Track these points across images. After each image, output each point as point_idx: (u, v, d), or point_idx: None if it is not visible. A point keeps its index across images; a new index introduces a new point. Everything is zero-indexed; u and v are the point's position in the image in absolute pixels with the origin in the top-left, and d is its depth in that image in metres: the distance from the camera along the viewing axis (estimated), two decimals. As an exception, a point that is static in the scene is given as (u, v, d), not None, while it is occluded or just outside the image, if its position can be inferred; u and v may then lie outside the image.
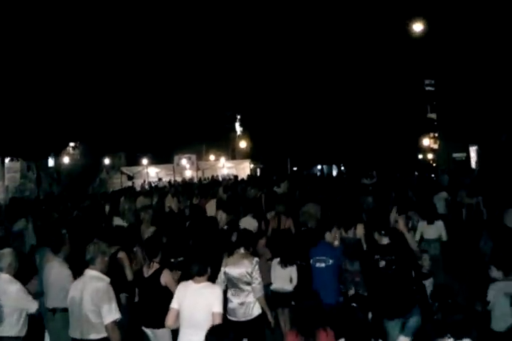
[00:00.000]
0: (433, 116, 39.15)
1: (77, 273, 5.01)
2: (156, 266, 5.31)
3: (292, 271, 6.43)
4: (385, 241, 5.45)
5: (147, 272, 5.32)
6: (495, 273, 5.35)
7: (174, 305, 4.44)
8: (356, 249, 7.55)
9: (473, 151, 28.27)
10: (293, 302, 6.02)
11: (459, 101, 27.81)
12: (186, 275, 4.52)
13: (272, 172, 32.68)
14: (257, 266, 5.25)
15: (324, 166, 48.24)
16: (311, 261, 5.81)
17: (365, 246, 7.67)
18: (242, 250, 5.39)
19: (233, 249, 5.43)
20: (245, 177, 25.37)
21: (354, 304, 4.28)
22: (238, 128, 46.53)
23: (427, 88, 39.35)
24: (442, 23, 26.35)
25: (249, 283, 5.23)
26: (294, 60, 40.46)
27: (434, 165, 36.94)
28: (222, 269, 5.36)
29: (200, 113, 37.20)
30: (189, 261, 4.71)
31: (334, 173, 41.82)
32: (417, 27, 23.74)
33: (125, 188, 21.14)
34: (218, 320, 4.24)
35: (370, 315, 5.36)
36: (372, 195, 13.38)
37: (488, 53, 23.09)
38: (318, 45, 39.95)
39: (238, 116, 46.11)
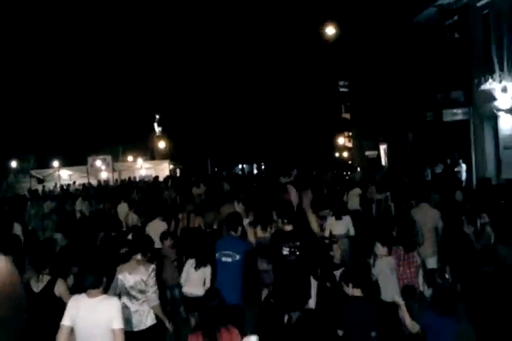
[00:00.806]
0: (347, 116, 40.71)
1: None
2: (46, 277, 4.85)
3: (206, 273, 6.17)
4: (289, 228, 5.52)
5: (37, 286, 4.83)
6: (380, 249, 5.73)
7: (66, 321, 3.96)
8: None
9: (383, 149, 29.79)
10: None
11: (370, 102, 29.19)
12: (79, 288, 4.13)
13: (191, 172, 32.35)
14: (153, 274, 5.00)
15: (245, 165, 48.64)
16: (217, 254, 5.52)
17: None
18: (138, 256, 5.09)
19: (129, 254, 5.15)
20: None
21: (272, 300, 4.23)
22: (157, 128, 45.51)
23: (341, 89, 40.82)
24: (354, 27, 27.50)
25: (143, 291, 4.96)
26: (212, 60, 40.44)
27: (350, 162, 38.46)
28: (117, 276, 5.06)
29: (117, 112, 35.87)
30: (82, 271, 4.34)
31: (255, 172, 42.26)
32: (330, 30, 24.61)
33: (31, 191, 19.86)
34: (120, 337, 3.91)
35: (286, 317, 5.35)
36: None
37: (396, 57, 24.39)
38: (235, 46, 40.25)
39: (157, 116, 45.09)
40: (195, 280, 6.20)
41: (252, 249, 6.02)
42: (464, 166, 18.34)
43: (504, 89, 15.56)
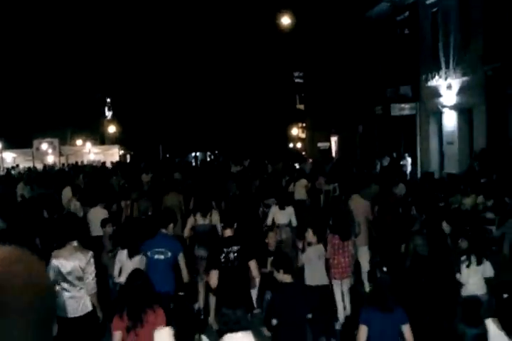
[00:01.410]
0: (302, 107, 40.97)
1: None
2: None
3: (142, 262, 5.99)
4: (228, 233, 5.61)
5: None
6: (310, 236, 6.04)
7: None
8: (211, 235, 7.61)
9: (334, 141, 30.32)
10: None
11: (323, 94, 29.53)
12: None
13: (142, 159, 31.82)
14: (91, 260, 4.98)
15: (198, 153, 48.32)
16: (149, 252, 5.68)
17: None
18: (75, 243, 5.05)
19: (65, 240, 5.05)
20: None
21: (181, 293, 4.28)
22: (108, 112, 44.33)
23: (296, 80, 40.96)
24: (309, 18, 27.62)
25: (80, 278, 4.93)
26: (165, 45, 39.73)
27: (304, 153, 38.89)
28: (52, 261, 4.96)
29: (66, 93, 34.58)
30: None
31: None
32: (286, 20, 24.61)
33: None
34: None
35: (197, 305, 5.49)
36: (236, 182, 13.70)
37: (349, 50, 24.75)
38: (188, 32, 39.68)
39: (108, 99, 43.88)
40: (130, 270, 6.15)
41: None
42: (409, 160, 18.95)
43: (449, 86, 16.12)
